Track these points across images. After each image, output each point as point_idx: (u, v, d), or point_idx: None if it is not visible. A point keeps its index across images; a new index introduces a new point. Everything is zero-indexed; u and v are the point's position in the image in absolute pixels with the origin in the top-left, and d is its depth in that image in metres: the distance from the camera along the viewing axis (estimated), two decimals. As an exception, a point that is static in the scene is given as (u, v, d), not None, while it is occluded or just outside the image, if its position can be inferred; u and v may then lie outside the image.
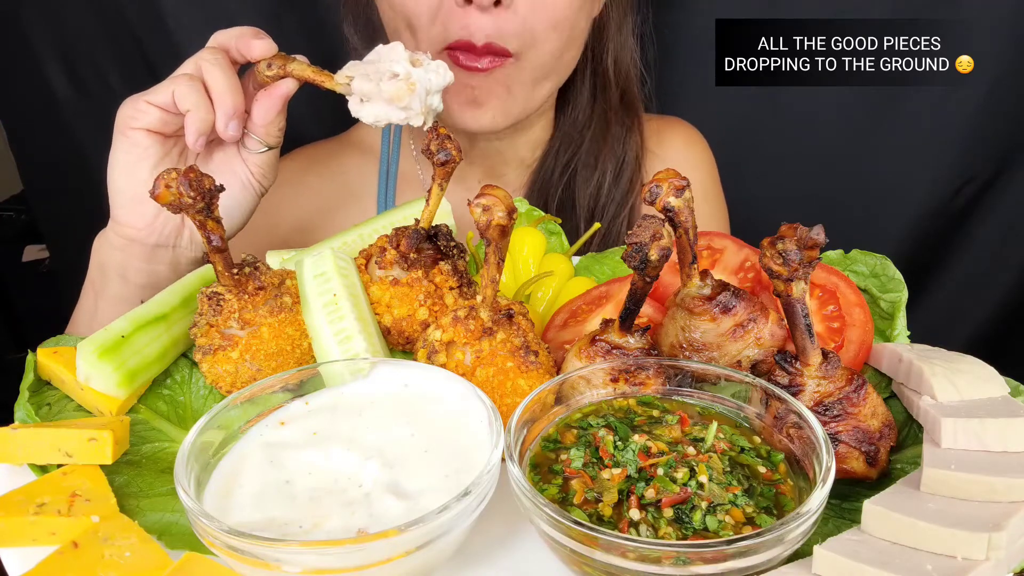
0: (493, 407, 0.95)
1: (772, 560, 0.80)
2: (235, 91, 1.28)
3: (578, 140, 1.91)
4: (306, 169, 2.00)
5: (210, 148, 1.36)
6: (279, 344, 1.14)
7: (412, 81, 1.24)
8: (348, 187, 2.00)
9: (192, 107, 1.25)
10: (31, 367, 1.15)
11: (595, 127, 1.91)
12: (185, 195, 1.00)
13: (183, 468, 0.88)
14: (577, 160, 1.90)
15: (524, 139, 1.91)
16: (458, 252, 1.24)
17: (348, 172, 2.01)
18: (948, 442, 0.91)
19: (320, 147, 2.07)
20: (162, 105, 1.28)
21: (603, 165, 1.90)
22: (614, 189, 1.90)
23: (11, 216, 3.72)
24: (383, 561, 0.80)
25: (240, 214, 1.41)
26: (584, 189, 1.89)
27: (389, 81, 1.25)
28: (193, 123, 1.25)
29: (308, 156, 2.03)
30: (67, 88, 2.45)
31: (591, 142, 1.90)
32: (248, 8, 2.29)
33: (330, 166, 2.02)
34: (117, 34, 2.35)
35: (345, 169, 2.01)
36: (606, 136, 1.91)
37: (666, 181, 1.00)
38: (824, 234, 0.89)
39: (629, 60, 1.90)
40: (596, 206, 1.90)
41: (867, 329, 1.13)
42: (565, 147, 1.92)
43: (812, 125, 2.35)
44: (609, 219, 1.89)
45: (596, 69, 1.88)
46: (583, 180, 1.90)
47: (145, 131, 1.29)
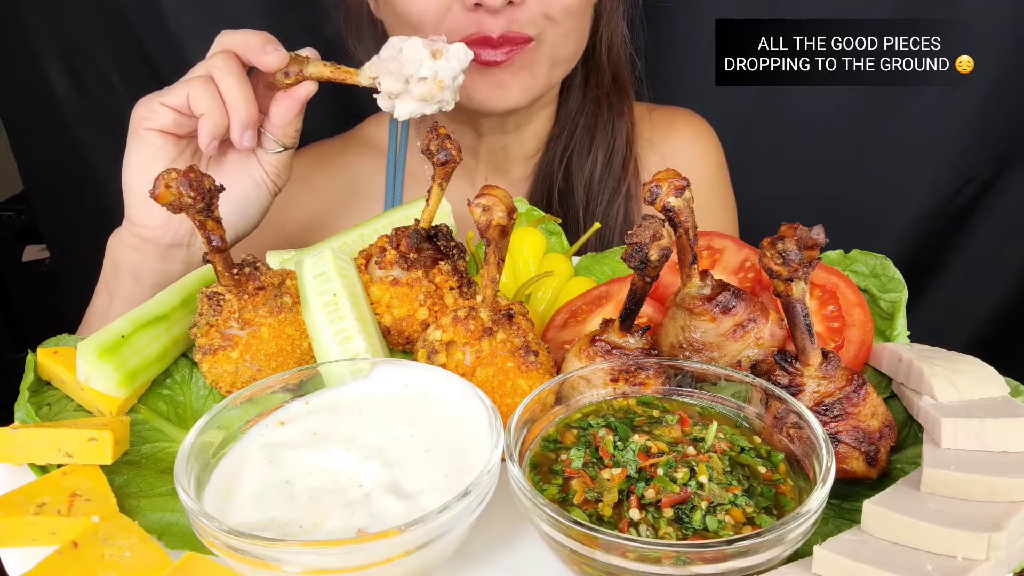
0: (493, 407, 0.95)
1: (772, 560, 0.80)
2: (249, 101, 1.28)
3: (572, 126, 1.92)
4: (314, 168, 2.00)
5: (223, 148, 1.36)
6: (279, 344, 1.14)
7: (440, 79, 1.25)
8: (356, 185, 2.01)
9: (206, 111, 1.25)
10: (31, 367, 1.15)
11: (587, 112, 1.91)
12: (185, 195, 1.00)
13: (183, 468, 0.88)
14: (572, 147, 1.91)
15: (529, 132, 1.91)
16: (458, 252, 1.24)
17: (356, 169, 2.02)
18: (948, 442, 0.91)
19: (328, 145, 2.07)
20: (176, 107, 1.28)
21: (595, 151, 1.91)
22: (607, 174, 1.91)
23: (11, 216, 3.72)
24: (383, 561, 0.80)
25: (254, 213, 1.41)
26: (579, 175, 1.90)
27: (418, 83, 1.26)
28: (207, 127, 1.26)
29: (316, 154, 2.03)
30: (67, 88, 2.46)
31: (584, 128, 1.91)
32: (249, 8, 2.29)
33: (337, 164, 2.02)
34: (118, 34, 2.36)
35: (353, 167, 2.02)
36: (597, 121, 1.91)
37: (666, 181, 1.00)
38: (824, 234, 0.89)
39: (620, 44, 1.91)
40: (591, 193, 1.90)
41: (867, 329, 1.13)
42: (561, 134, 1.93)
43: (812, 125, 2.35)
44: (604, 205, 1.89)
45: (589, 54, 1.89)
46: (578, 166, 1.90)
47: (159, 132, 1.30)
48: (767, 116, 2.35)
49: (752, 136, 2.35)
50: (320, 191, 1.98)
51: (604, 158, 1.91)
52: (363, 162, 2.02)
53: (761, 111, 2.35)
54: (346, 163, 2.02)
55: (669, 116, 2.04)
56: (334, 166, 2.02)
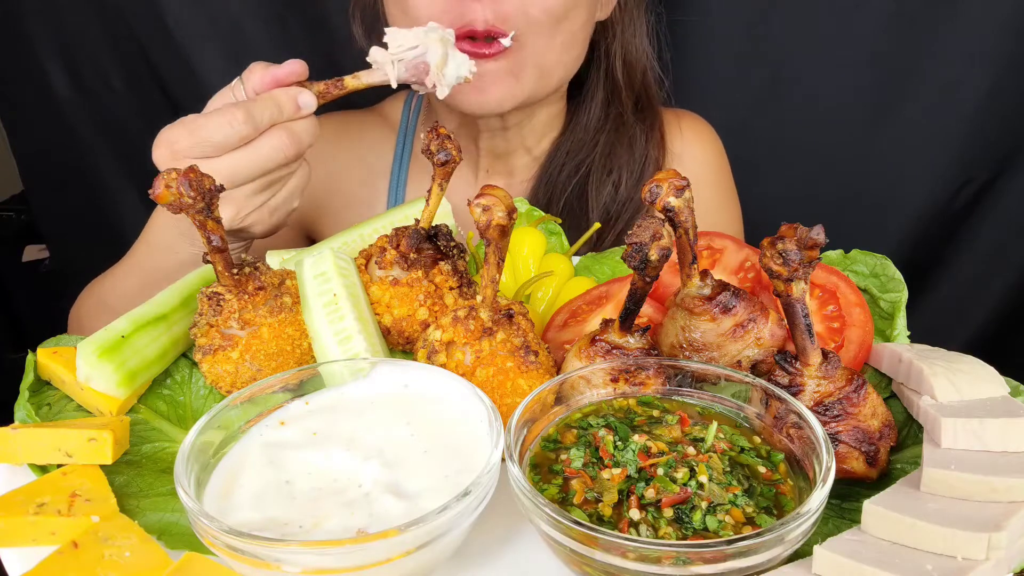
0: (493, 407, 0.95)
1: (772, 560, 0.80)
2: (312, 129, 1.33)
3: (591, 143, 1.91)
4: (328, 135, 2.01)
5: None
6: (279, 344, 1.14)
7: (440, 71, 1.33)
8: (365, 159, 2.02)
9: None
10: (31, 367, 1.15)
11: (609, 130, 1.91)
12: (185, 195, 0.99)
13: (183, 468, 0.88)
14: (590, 163, 1.90)
15: (530, 127, 1.91)
16: (458, 252, 1.24)
17: (365, 145, 2.04)
18: (948, 442, 0.91)
19: (351, 117, 2.09)
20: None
21: (618, 170, 1.89)
22: (633, 192, 1.90)
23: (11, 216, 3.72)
24: (383, 561, 0.80)
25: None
26: (598, 193, 1.88)
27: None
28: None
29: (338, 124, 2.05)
30: (68, 88, 2.46)
31: (605, 146, 1.90)
32: (250, 8, 2.29)
33: (354, 136, 2.04)
34: (118, 34, 2.36)
35: (363, 142, 2.04)
36: (621, 140, 1.90)
37: (666, 181, 1.00)
38: (824, 234, 0.89)
39: (645, 62, 1.90)
40: (611, 211, 1.89)
41: (867, 329, 1.13)
42: (577, 148, 1.91)
43: (812, 125, 2.35)
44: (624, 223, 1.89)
45: (608, 72, 1.89)
46: (597, 183, 1.89)
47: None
48: (767, 116, 2.35)
49: (752, 136, 2.35)
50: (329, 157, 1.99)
51: (630, 177, 1.90)
52: (375, 136, 2.04)
53: (761, 111, 2.35)
54: (360, 134, 2.04)
55: (674, 118, 2.04)
56: (348, 135, 2.04)
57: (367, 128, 2.06)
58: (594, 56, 1.87)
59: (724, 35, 2.26)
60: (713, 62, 2.31)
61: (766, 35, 2.24)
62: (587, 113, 1.92)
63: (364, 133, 2.05)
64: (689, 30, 2.20)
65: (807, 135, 2.37)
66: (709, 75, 2.32)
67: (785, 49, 2.26)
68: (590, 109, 1.91)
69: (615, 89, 1.90)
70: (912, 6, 2.14)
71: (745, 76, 2.31)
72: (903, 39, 2.19)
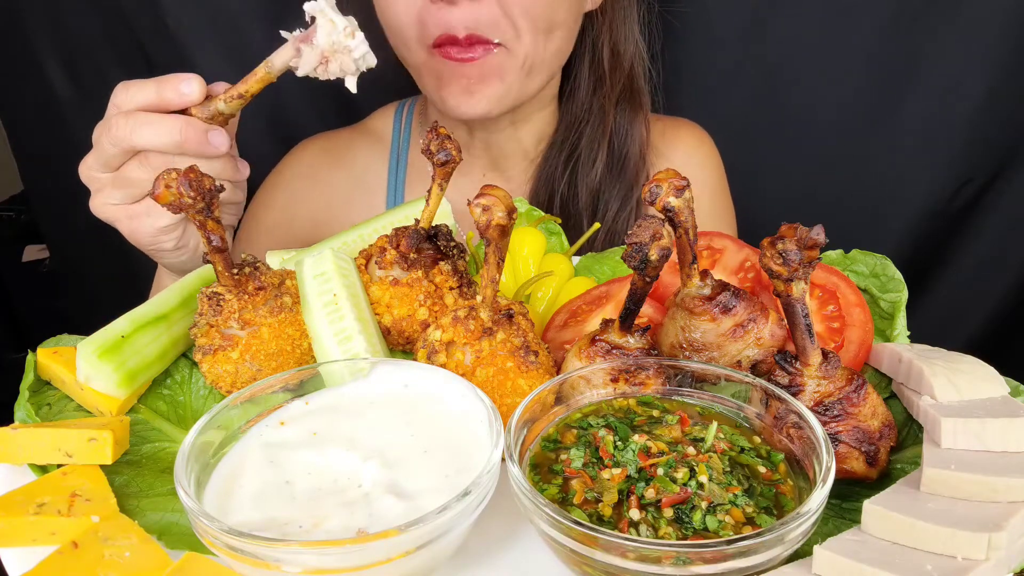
0: (493, 407, 0.95)
1: (772, 560, 0.80)
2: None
3: (578, 132, 1.91)
4: (320, 161, 2.00)
5: None
6: (279, 344, 1.14)
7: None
8: (360, 178, 2.01)
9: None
10: (31, 367, 1.15)
11: (594, 119, 1.90)
12: (185, 195, 0.99)
13: (183, 468, 0.88)
14: (578, 152, 1.90)
15: (526, 130, 1.91)
16: (458, 252, 1.24)
17: (360, 163, 2.02)
18: (948, 442, 0.91)
19: (334, 137, 2.08)
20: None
21: (600, 158, 1.89)
22: (617, 182, 1.89)
23: (11, 216, 3.72)
24: (383, 561, 0.80)
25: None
26: (584, 182, 1.89)
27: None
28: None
29: (322, 147, 2.04)
30: (68, 88, 2.46)
31: (591, 134, 1.90)
32: (250, 8, 2.29)
33: (344, 157, 2.03)
34: (118, 34, 2.35)
35: (357, 160, 2.03)
36: (604, 128, 1.89)
37: (666, 181, 1.00)
38: (824, 234, 0.89)
39: (632, 52, 1.89)
40: (597, 201, 1.89)
41: (867, 329, 1.13)
42: (566, 139, 1.91)
43: (812, 125, 2.35)
44: (614, 212, 1.89)
45: (595, 60, 1.88)
46: (583, 173, 1.89)
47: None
48: (767, 116, 2.35)
49: (752, 136, 2.35)
50: (325, 184, 1.98)
51: (611, 166, 1.89)
52: (367, 155, 2.03)
53: (761, 111, 2.35)
54: (352, 156, 2.03)
55: (673, 127, 2.04)
56: (340, 159, 2.02)
57: (357, 148, 2.04)
58: (583, 46, 1.86)
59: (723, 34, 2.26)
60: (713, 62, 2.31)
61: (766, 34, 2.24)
62: (575, 103, 1.91)
63: (356, 154, 2.03)
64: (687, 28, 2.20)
65: (807, 134, 2.37)
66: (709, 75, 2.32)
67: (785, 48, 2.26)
68: (578, 98, 1.91)
69: (599, 80, 1.89)
70: (913, 5, 2.14)
71: (745, 75, 2.31)
72: (903, 38, 2.18)
